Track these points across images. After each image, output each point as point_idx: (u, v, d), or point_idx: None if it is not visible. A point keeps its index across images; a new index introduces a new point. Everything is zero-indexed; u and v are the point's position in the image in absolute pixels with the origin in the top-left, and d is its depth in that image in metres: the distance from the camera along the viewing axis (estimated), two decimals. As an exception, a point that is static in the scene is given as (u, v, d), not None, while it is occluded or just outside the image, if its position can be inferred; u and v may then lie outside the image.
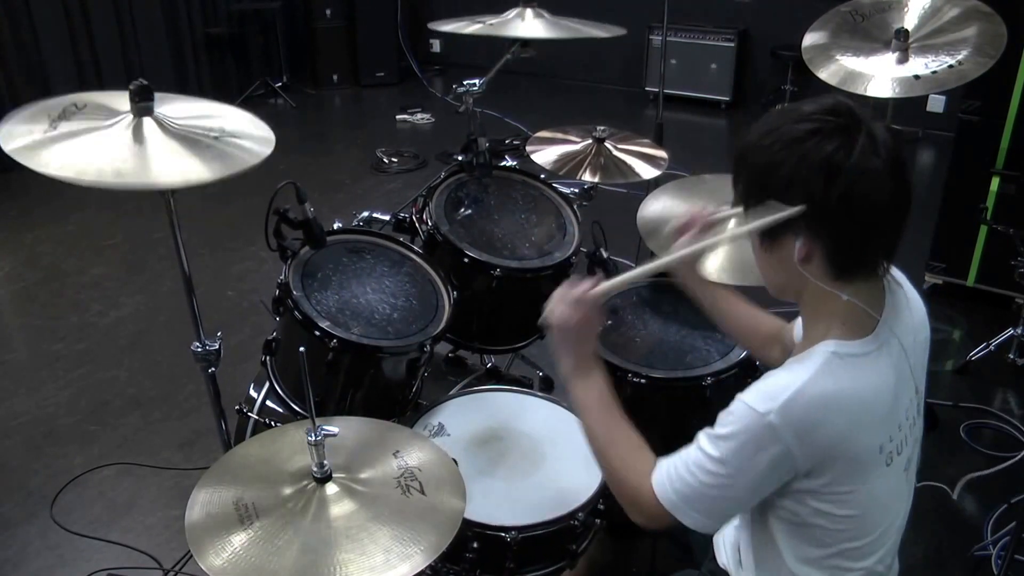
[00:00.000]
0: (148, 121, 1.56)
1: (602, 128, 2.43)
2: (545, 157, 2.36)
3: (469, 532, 1.54)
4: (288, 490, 1.27)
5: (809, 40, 2.35)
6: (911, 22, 2.28)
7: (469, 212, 2.13)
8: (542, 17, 2.27)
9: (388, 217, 2.17)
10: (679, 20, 6.06)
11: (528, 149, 2.39)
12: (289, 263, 1.82)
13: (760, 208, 1.18)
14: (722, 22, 6.08)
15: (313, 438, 1.25)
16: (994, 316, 3.33)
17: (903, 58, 2.22)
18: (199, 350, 1.76)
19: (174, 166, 1.49)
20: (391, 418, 1.76)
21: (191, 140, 1.56)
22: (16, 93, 5.08)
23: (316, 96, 6.77)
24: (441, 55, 7.15)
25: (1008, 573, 2.09)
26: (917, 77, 2.17)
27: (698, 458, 1.19)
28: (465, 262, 1.99)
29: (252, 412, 2.04)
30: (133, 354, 3.33)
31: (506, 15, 2.27)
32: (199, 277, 1.78)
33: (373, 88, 6.93)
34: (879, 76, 2.20)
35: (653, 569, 2.00)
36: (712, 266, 1.96)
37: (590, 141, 2.41)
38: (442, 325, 1.84)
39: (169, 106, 1.64)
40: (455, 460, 1.39)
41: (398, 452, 1.36)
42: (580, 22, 2.31)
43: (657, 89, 5.50)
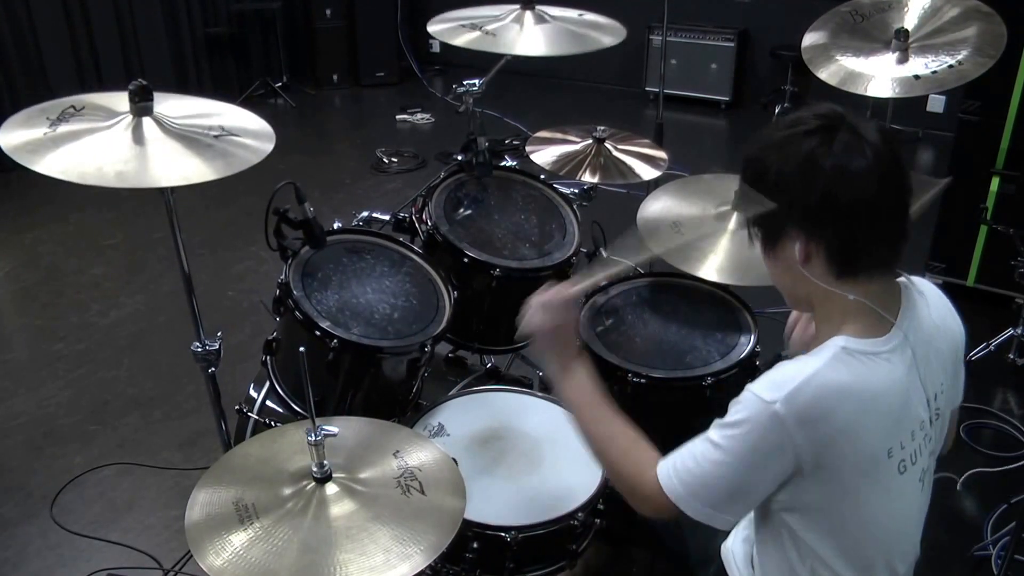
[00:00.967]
0: (148, 121, 1.57)
1: (602, 128, 2.43)
2: (545, 157, 2.36)
3: (469, 532, 1.54)
4: (288, 490, 1.27)
5: (809, 40, 2.35)
6: (911, 22, 2.28)
7: (469, 212, 2.13)
8: (543, 21, 2.24)
9: (388, 217, 2.17)
10: (679, 20, 6.06)
11: (528, 149, 2.39)
12: (289, 263, 1.82)
13: (751, 223, 1.22)
14: (722, 22, 6.08)
15: (313, 438, 1.25)
16: (994, 316, 3.32)
17: (903, 58, 2.22)
18: (199, 350, 1.76)
19: (174, 166, 1.50)
20: (391, 418, 1.76)
21: (191, 139, 1.56)
22: (16, 93, 5.09)
23: (316, 96, 6.77)
24: (441, 55, 7.15)
25: (1008, 573, 2.09)
26: (917, 77, 2.17)
27: (704, 448, 1.20)
28: (465, 262, 1.99)
29: (252, 412, 2.04)
30: (133, 354, 3.33)
31: (504, 17, 2.24)
32: (199, 277, 1.78)
33: (373, 88, 6.93)
34: (879, 76, 2.20)
35: (653, 567, 2.00)
36: (712, 266, 1.97)
37: (590, 141, 2.41)
38: (442, 325, 1.84)
39: (168, 105, 1.64)
40: (455, 460, 1.39)
41: (398, 452, 1.37)
42: (581, 23, 2.29)
43: (657, 89, 5.51)
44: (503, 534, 1.54)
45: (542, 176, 2.29)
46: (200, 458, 2.71)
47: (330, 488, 1.27)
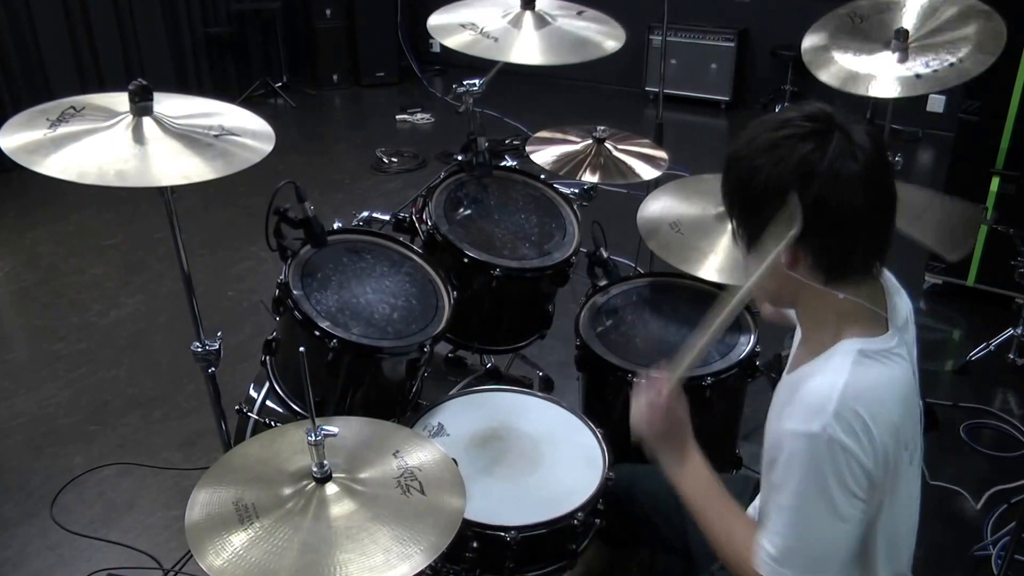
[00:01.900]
0: (148, 121, 1.57)
1: (602, 128, 2.43)
2: (545, 157, 2.36)
3: (469, 532, 1.54)
4: (288, 490, 1.27)
5: (808, 43, 2.35)
6: (910, 22, 2.28)
7: (469, 212, 2.13)
8: (543, 23, 2.21)
9: (388, 217, 2.17)
10: (679, 20, 6.06)
11: (528, 149, 2.39)
12: (289, 263, 1.82)
13: (746, 217, 1.19)
14: (722, 22, 6.08)
15: (313, 438, 1.25)
16: (994, 316, 3.32)
17: (903, 58, 2.22)
18: (199, 350, 1.76)
19: (174, 165, 1.50)
20: (391, 418, 1.76)
21: (191, 139, 1.56)
22: (16, 93, 5.09)
23: (316, 96, 6.77)
24: (441, 55, 7.15)
25: (1008, 573, 2.09)
26: (918, 76, 2.17)
27: (776, 520, 1.16)
28: (465, 262, 1.99)
29: (252, 412, 2.04)
30: (133, 354, 3.33)
31: (504, 18, 2.22)
32: (199, 277, 1.78)
33: (373, 88, 6.93)
34: (880, 76, 2.20)
35: (653, 568, 2.00)
36: (712, 267, 1.97)
37: (590, 141, 2.41)
38: (442, 325, 1.84)
39: (168, 105, 1.64)
40: (455, 460, 1.39)
41: (398, 452, 1.37)
42: (580, 27, 2.27)
43: (657, 89, 5.51)
44: (503, 534, 1.54)
45: (542, 176, 2.29)
46: (200, 458, 2.71)
47: (330, 488, 1.27)
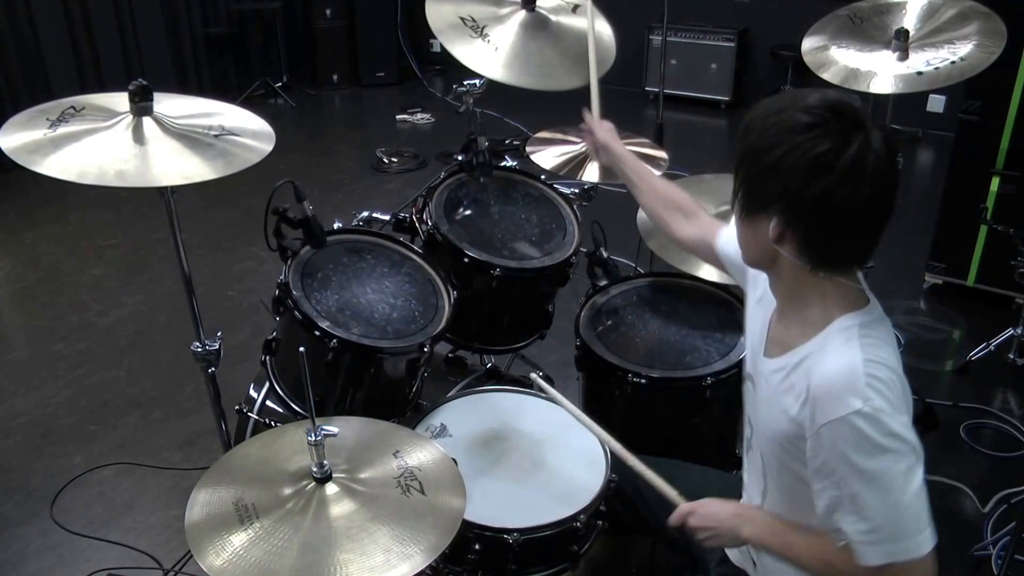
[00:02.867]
0: (148, 121, 1.57)
1: (602, 128, 2.42)
2: (545, 157, 2.36)
3: (471, 533, 1.54)
4: (288, 490, 1.27)
5: (808, 44, 2.35)
6: (910, 22, 2.28)
7: (469, 212, 2.13)
8: (543, 25, 2.18)
9: (388, 217, 2.17)
10: (679, 20, 6.06)
11: (528, 149, 2.39)
12: (289, 263, 1.82)
13: (747, 182, 1.20)
14: (722, 22, 6.08)
15: (313, 438, 1.25)
16: (994, 316, 3.32)
17: (903, 57, 2.22)
18: (199, 350, 1.76)
19: (175, 165, 1.50)
20: (391, 418, 1.76)
21: (191, 139, 1.56)
22: (16, 92, 5.09)
23: (316, 96, 6.77)
24: (441, 55, 7.14)
25: (1008, 573, 2.09)
26: (920, 73, 2.17)
27: (857, 508, 1.15)
28: (465, 262, 1.98)
29: (252, 412, 2.04)
30: (133, 354, 3.33)
31: (504, 14, 2.19)
32: (199, 277, 1.78)
33: (373, 88, 6.93)
34: (881, 73, 2.20)
35: (653, 569, 2.00)
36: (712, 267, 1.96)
37: (590, 141, 2.40)
38: (442, 325, 1.84)
39: (168, 105, 1.64)
40: (454, 460, 1.39)
41: (398, 452, 1.36)
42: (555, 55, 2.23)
43: (657, 89, 5.51)
44: (505, 536, 1.54)
45: (542, 176, 2.29)
46: (200, 458, 2.71)
47: (330, 488, 1.27)
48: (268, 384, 1.93)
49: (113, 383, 3.15)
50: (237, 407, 2.04)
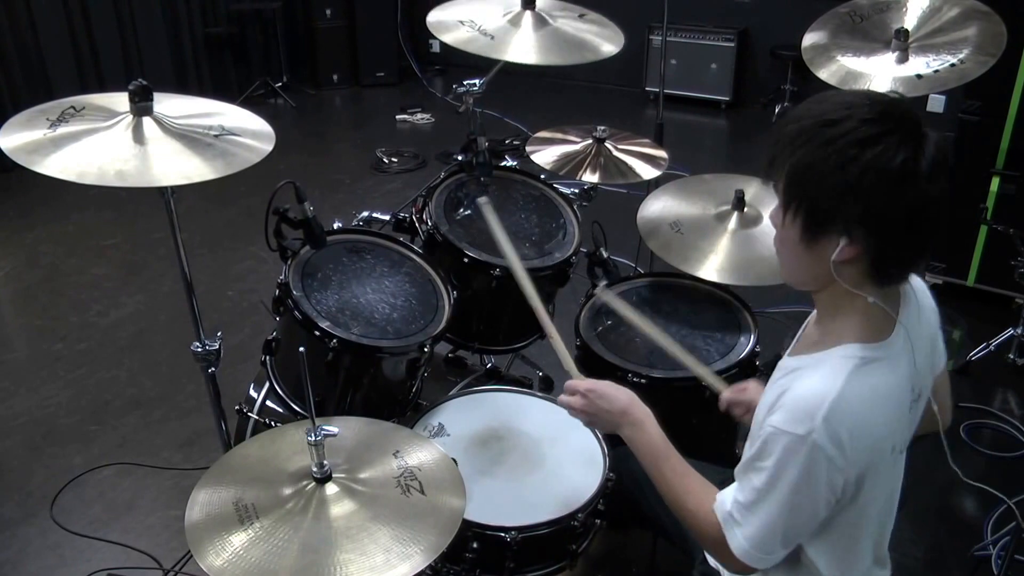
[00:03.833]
0: (148, 121, 1.57)
1: (602, 128, 2.43)
2: (545, 157, 2.36)
3: (469, 532, 1.54)
4: (288, 490, 1.27)
5: (808, 41, 2.35)
6: (910, 22, 2.28)
7: (469, 212, 2.13)
8: (543, 23, 2.21)
9: (388, 217, 2.17)
10: (679, 20, 6.06)
11: (528, 149, 2.39)
12: (289, 263, 1.82)
13: (809, 198, 1.12)
14: (722, 22, 6.08)
15: (313, 438, 1.25)
16: (994, 316, 3.32)
17: (903, 58, 2.22)
18: (199, 350, 1.76)
19: (175, 165, 1.50)
20: (391, 418, 1.76)
21: (191, 139, 1.56)
22: (16, 92, 5.09)
23: (316, 96, 6.77)
24: (441, 55, 7.15)
25: (1008, 573, 2.09)
26: (919, 76, 2.17)
27: (748, 496, 1.20)
28: (465, 262, 1.99)
29: (252, 412, 2.04)
30: (133, 354, 3.33)
31: (504, 17, 2.21)
32: (199, 277, 1.78)
33: (373, 88, 6.93)
34: (880, 76, 2.20)
35: (653, 566, 2.00)
36: (712, 266, 1.97)
37: (590, 141, 2.41)
38: (442, 325, 1.84)
39: (168, 105, 1.64)
40: (454, 460, 1.39)
41: (398, 452, 1.37)
42: (579, 28, 2.27)
43: (657, 89, 5.50)
44: (503, 534, 1.54)
45: (542, 176, 2.29)
46: (200, 458, 2.71)
47: (330, 488, 1.27)
48: (268, 384, 1.93)
49: (113, 383, 3.15)
50: (237, 407, 2.04)
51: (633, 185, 2.41)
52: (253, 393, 2.10)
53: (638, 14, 5.66)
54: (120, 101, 1.60)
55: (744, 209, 2.05)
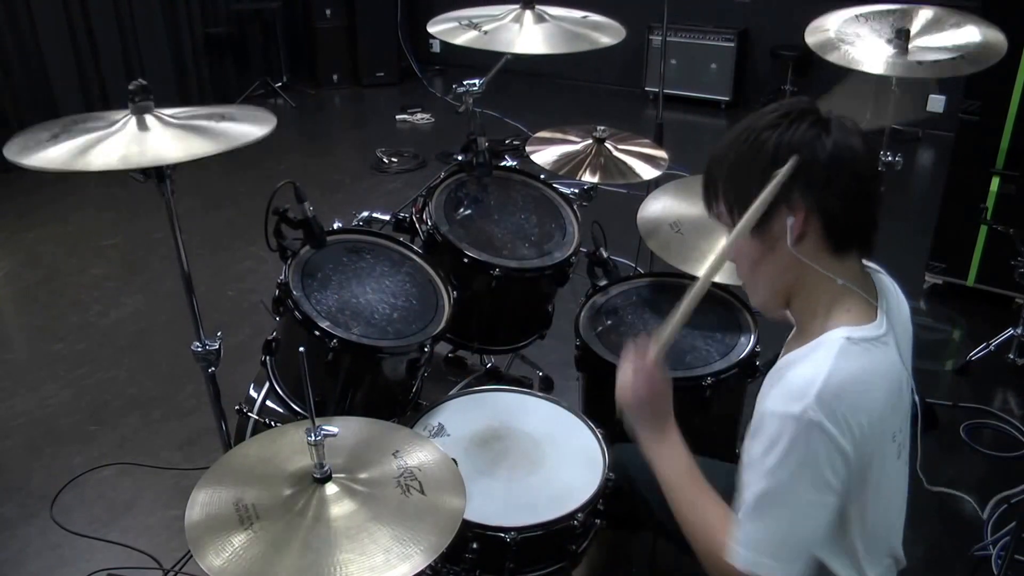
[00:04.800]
0: (148, 116, 1.58)
1: (602, 128, 2.43)
2: (545, 157, 2.36)
3: (469, 532, 1.54)
4: (288, 490, 1.27)
5: (812, 26, 2.38)
6: (914, 29, 2.30)
7: (469, 212, 2.13)
8: (543, 20, 2.23)
9: (388, 217, 2.17)
10: (679, 20, 6.06)
11: (528, 149, 2.39)
12: (289, 263, 1.82)
13: (747, 191, 1.19)
14: (722, 22, 6.08)
15: (313, 438, 1.25)
16: (994, 316, 3.32)
17: (902, 56, 2.23)
18: (199, 350, 1.76)
19: (178, 144, 1.50)
20: (391, 418, 1.76)
21: (192, 126, 1.57)
22: (16, 92, 5.08)
23: (316, 96, 6.77)
24: (441, 55, 7.15)
25: (1008, 573, 2.09)
26: (920, 63, 2.20)
27: (749, 502, 1.16)
28: (465, 262, 1.99)
29: (252, 412, 2.04)
30: (133, 354, 3.33)
31: (504, 16, 2.23)
32: (199, 277, 1.78)
33: (373, 88, 6.93)
34: (880, 57, 2.22)
35: (653, 566, 2.00)
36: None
37: (590, 141, 2.41)
38: (442, 325, 1.84)
39: (167, 111, 1.65)
40: (454, 460, 1.39)
41: (398, 452, 1.36)
42: (581, 24, 2.28)
43: (657, 89, 5.50)
44: (503, 535, 1.54)
45: (542, 176, 2.29)
46: (200, 458, 2.71)
47: (330, 488, 1.27)
48: (268, 384, 1.93)
49: (113, 383, 3.15)
50: (237, 407, 2.04)
51: (633, 185, 2.41)
52: (253, 393, 2.10)
53: (638, 14, 5.67)
54: (119, 113, 1.61)
55: (744, 209, 2.05)
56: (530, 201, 2.23)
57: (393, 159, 5.28)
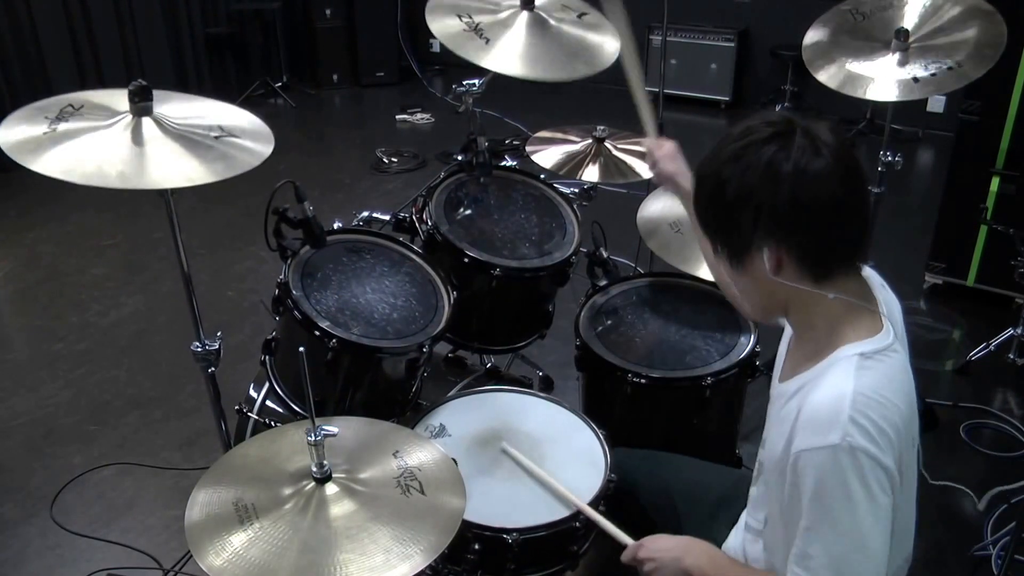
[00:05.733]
0: (147, 121, 1.56)
1: (602, 128, 2.43)
2: (545, 157, 2.36)
3: (470, 533, 1.54)
4: (288, 490, 1.26)
5: (809, 39, 2.35)
6: (911, 21, 2.28)
7: (469, 212, 2.13)
8: (542, 23, 2.18)
9: (388, 217, 2.17)
10: (679, 20, 6.06)
11: (528, 149, 2.39)
12: (289, 263, 1.81)
13: (724, 232, 1.20)
14: (722, 22, 6.08)
15: (313, 438, 1.25)
16: (994, 316, 3.32)
17: (903, 59, 2.22)
18: (199, 350, 1.76)
19: (174, 167, 1.50)
20: (391, 418, 1.76)
21: (191, 141, 1.56)
22: (16, 92, 5.08)
23: (316, 96, 6.77)
24: (441, 55, 7.14)
25: (1008, 573, 2.09)
26: (916, 80, 2.17)
27: (809, 545, 1.11)
28: (465, 262, 1.98)
29: (252, 412, 2.04)
30: (133, 354, 3.33)
31: (500, 12, 2.17)
32: (199, 277, 1.78)
33: (373, 88, 6.93)
34: (879, 79, 2.20)
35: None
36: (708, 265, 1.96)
37: (590, 141, 2.41)
38: (442, 325, 1.84)
39: (168, 106, 1.64)
40: (454, 460, 1.39)
41: (398, 452, 1.36)
42: (580, 25, 2.27)
43: (657, 89, 5.49)
44: (504, 535, 1.53)
45: (542, 176, 2.29)
46: (200, 458, 2.71)
47: (330, 488, 1.27)
48: (268, 384, 1.93)
49: (113, 383, 3.15)
50: (237, 407, 2.04)
51: (633, 185, 2.41)
52: (253, 393, 2.10)
53: (638, 14, 5.66)
54: (119, 98, 1.59)
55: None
56: (530, 201, 2.23)
57: (393, 159, 5.28)
